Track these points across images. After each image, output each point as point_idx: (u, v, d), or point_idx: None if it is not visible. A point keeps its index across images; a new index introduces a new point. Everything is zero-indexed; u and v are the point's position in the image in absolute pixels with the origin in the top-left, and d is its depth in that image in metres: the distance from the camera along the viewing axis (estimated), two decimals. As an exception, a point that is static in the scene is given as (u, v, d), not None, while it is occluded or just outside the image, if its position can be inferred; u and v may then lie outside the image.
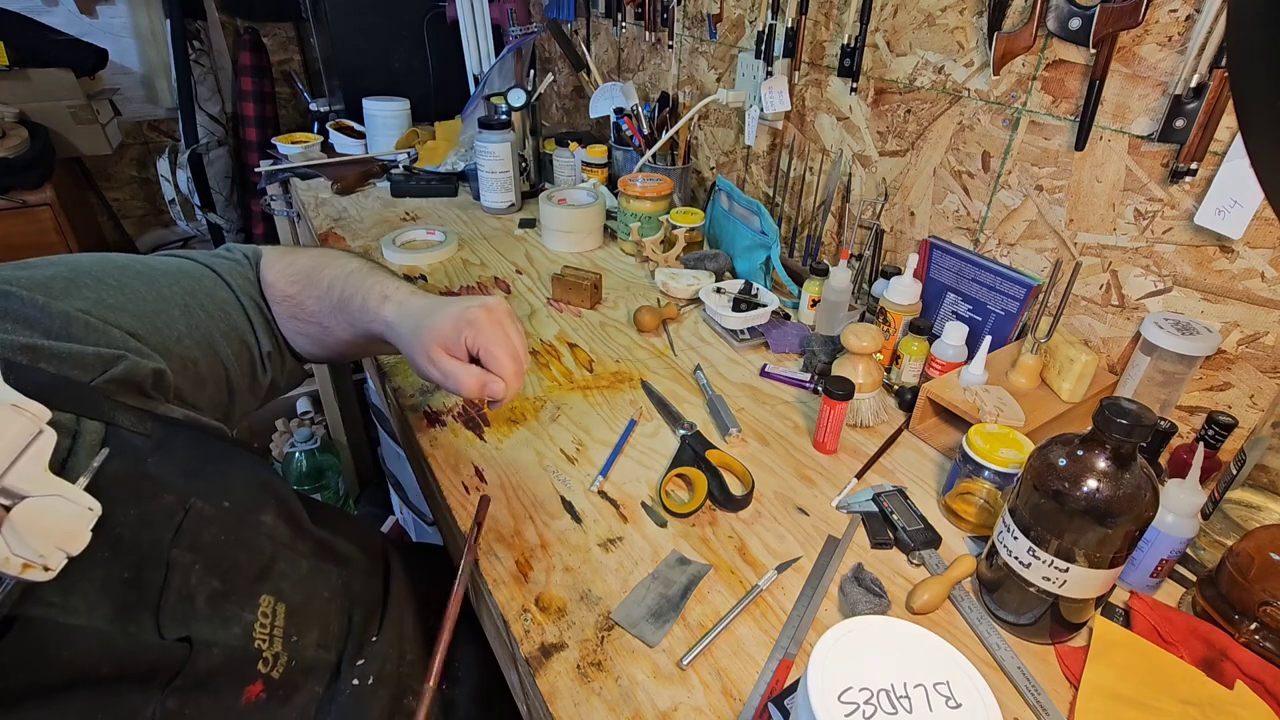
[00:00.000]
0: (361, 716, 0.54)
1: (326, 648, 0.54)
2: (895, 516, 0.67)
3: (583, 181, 1.43)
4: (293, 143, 1.66)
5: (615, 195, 1.26)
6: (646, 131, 1.36)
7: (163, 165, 1.94)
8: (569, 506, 0.69)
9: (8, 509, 0.32)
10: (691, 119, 1.25)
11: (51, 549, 0.33)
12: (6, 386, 0.33)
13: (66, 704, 0.37)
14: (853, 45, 0.98)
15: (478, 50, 1.76)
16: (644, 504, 0.70)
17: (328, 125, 1.72)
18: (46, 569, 0.33)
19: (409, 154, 1.57)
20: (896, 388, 0.87)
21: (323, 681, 0.53)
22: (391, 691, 0.57)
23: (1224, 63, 0.63)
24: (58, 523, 0.34)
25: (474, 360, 0.59)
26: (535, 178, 1.52)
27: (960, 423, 0.74)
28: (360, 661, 0.56)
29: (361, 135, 1.68)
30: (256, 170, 1.57)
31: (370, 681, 0.56)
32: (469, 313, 0.58)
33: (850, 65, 1.00)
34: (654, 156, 1.30)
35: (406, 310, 0.62)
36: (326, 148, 1.68)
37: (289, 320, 0.67)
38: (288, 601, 0.51)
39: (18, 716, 0.35)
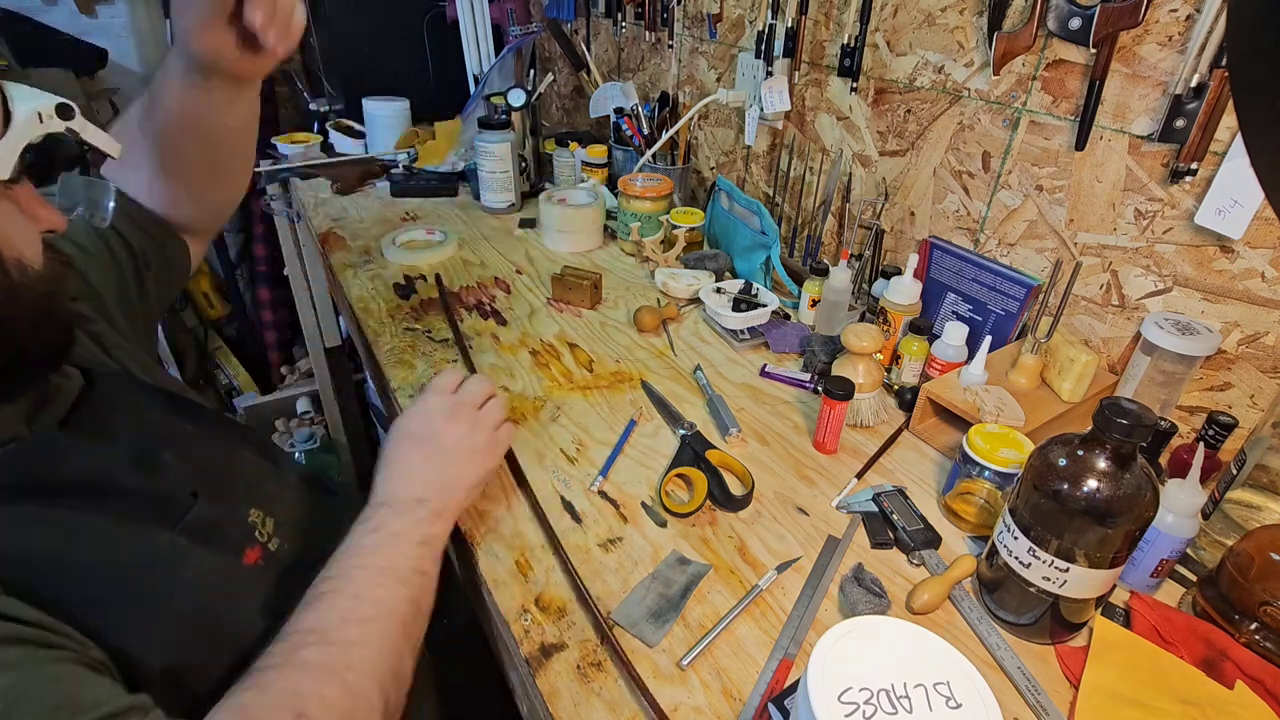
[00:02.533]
0: None
1: (314, 549, 0.56)
2: (895, 516, 0.67)
3: (583, 181, 1.43)
4: (293, 142, 1.66)
5: (615, 195, 1.26)
6: (646, 131, 1.36)
7: (163, 165, 1.95)
8: (569, 506, 0.69)
9: None
10: (691, 119, 1.25)
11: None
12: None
13: (100, 504, 0.45)
14: (853, 45, 0.98)
15: (478, 50, 1.76)
16: (644, 504, 0.70)
17: (328, 125, 1.72)
18: None
19: (409, 154, 1.57)
20: (896, 388, 0.87)
21: (316, 567, 0.53)
22: None
23: (1224, 62, 0.63)
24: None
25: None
26: (535, 178, 1.52)
27: (960, 423, 0.74)
28: None
29: (361, 135, 1.68)
30: (256, 170, 1.57)
31: None
32: None
33: (850, 65, 1.00)
34: (654, 156, 1.30)
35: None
36: (326, 148, 1.68)
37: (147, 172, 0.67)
38: (276, 517, 0.57)
39: (61, 505, 0.43)
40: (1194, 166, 0.67)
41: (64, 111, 0.46)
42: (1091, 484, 0.50)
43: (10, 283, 0.42)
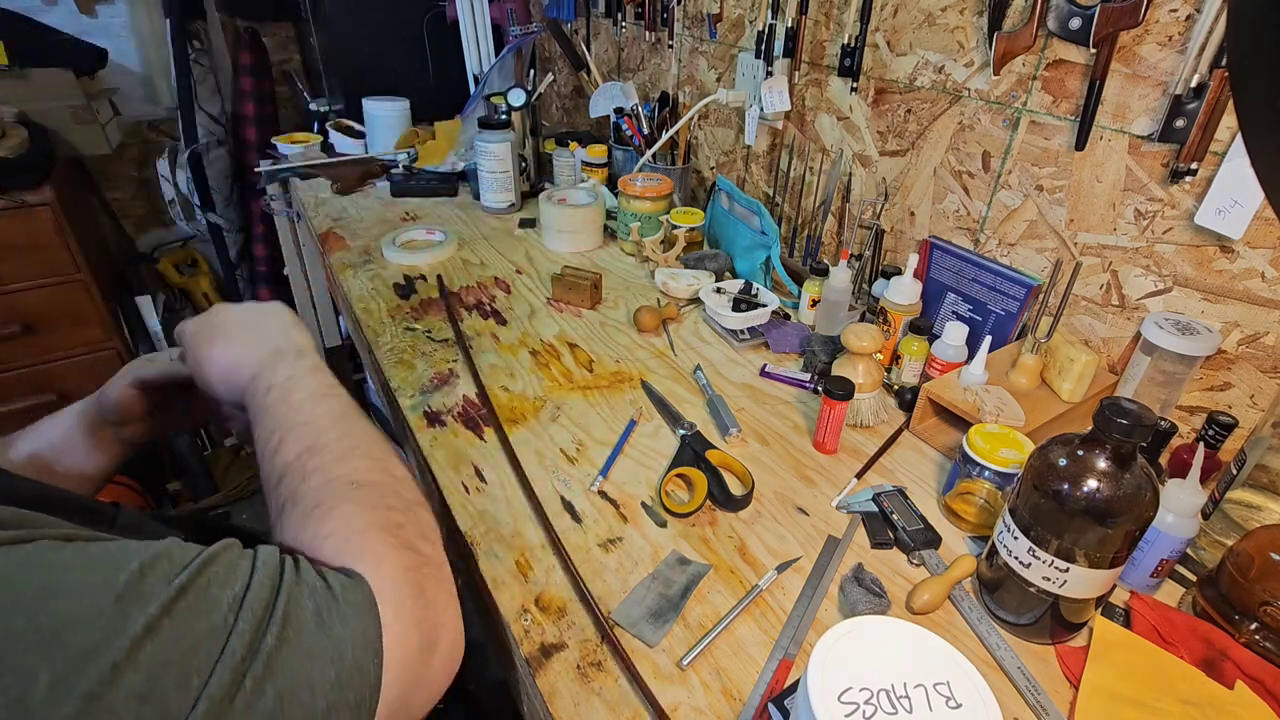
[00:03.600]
0: None
1: None
2: (895, 516, 0.67)
3: (583, 181, 1.43)
4: (293, 143, 1.66)
5: (615, 195, 1.26)
6: (646, 131, 1.36)
7: (162, 165, 1.94)
8: (569, 506, 0.69)
9: None
10: (691, 119, 1.25)
11: None
12: None
13: (50, 514, 0.42)
14: (853, 45, 0.98)
15: (478, 50, 1.76)
16: (644, 504, 0.70)
17: (328, 125, 1.72)
18: None
19: (409, 154, 1.57)
20: (896, 388, 0.87)
21: None
22: None
23: (1224, 62, 0.63)
24: None
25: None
26: (535, 178, 1.52)
27: (960, 423, 0.74)
28: None
29: (361, 135, 1.68)
30: (256, 170, 1.57)
31: None
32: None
33: (850, 65, 1.00)
34: (654, 156, 1.30)
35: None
36: (326, 148, 1.68)
37: None
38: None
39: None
40: (1194, 166, 0.67)
41: None
42: (1091, 484, 0.50)
43: None
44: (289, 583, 0.36)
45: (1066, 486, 0.51)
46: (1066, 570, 0.52)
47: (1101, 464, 0.50)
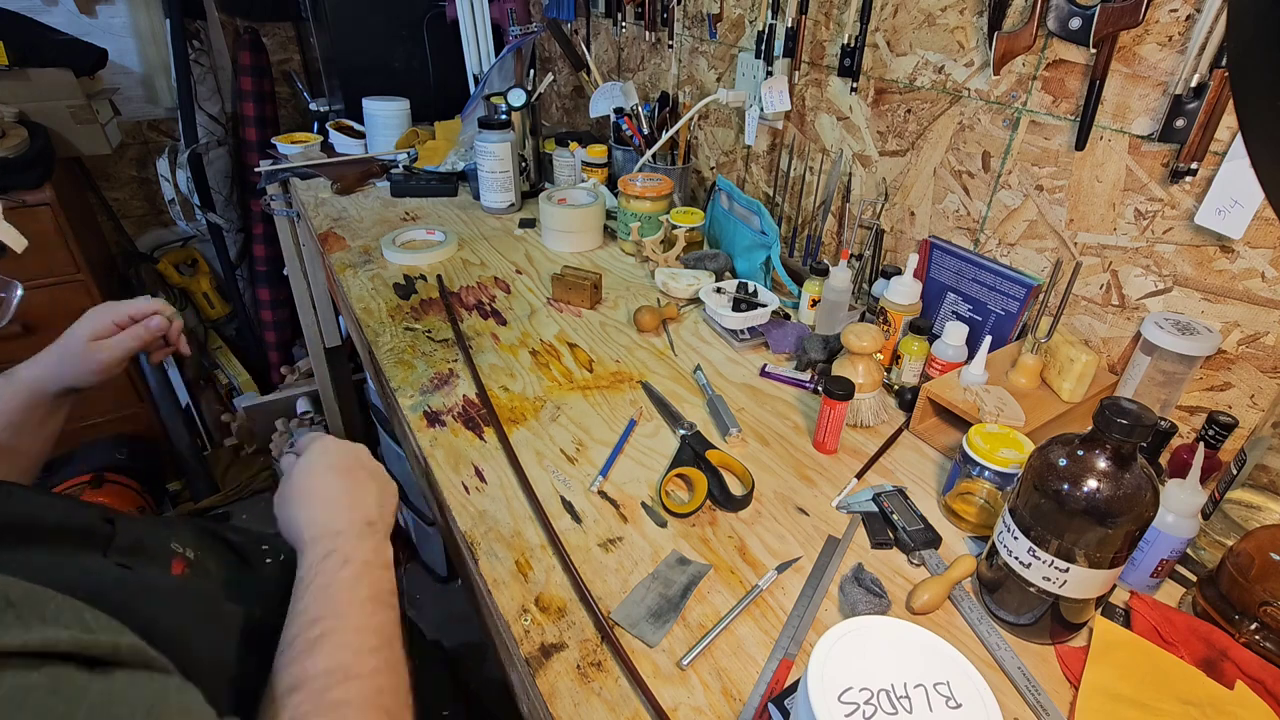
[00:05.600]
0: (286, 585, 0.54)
1: (216, 554, 0.55)
2: (895, 516, 0.67)
3: (583, 181, 1.43)
4: (293, 142, 1.66)
5: (615, 195, 1.26)
6: (646, 131, 1.36)
7: (162, 165, 1.94)
8: (569, 506, 0.69)
9: None
10: (691, 119, 1.25)
11: None
12: None
13: (35, 543, 0.43)
14: (853, 45, 0.98)
15: (478, 50, 1.76)
16: (644, 504, 0.70)
17: (328, 125, 1.72)
18: None
19: (409, 154, 1.57)
20: (896, 388, 0.87)
21: (235, 567, 0.54)
22: None
23: (1224, 62, 0.63)
24: None
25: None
26: (535, 178, 1.52)
27: (960, 423, 0.74)
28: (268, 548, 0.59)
29: (361, 135, 1.68)
30: (256, 170, 1.57)
31: (282, 558, 0.57)
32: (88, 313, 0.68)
33: (850, 65, 1.00)
34: (654, 156, 1.30)
35: (37, 360, 0.67)
36: (326, 148, 1.68)
37: None
38: (173, 527, 0.56)
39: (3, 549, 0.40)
40: (1194, 166, 0.67)
41: None
42: (1091, 484, 0.50)
43: None
44: None
45: (1066, 486, 0.51)
46: (1066, 570, 0.52)
47: (1101, 464, 0.50)
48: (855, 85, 1.01)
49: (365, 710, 0.43)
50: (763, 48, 1.12)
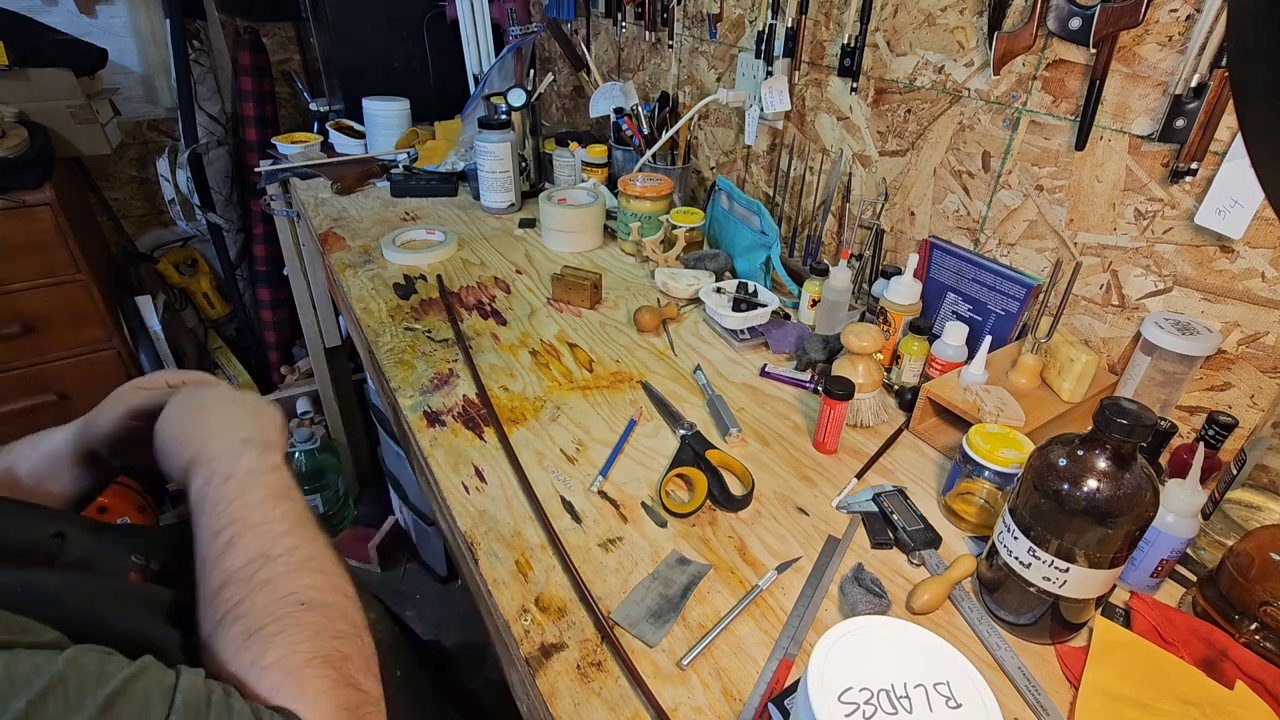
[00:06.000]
0: None
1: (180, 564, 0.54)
2: (895, 516, 0.67)
3: (583, 181, 1.43)
4: (293, 142, 1.66)
5: (615, 195, 1.26)
6: (646, 131, 1.36)
7: (162, 165, 1.94)
8: (569, 506, 0.69)
9: None
10: (691, 119, 1.25)
11: None
12: None
13: None
14: (853, 45, 0.98)
15: (478, 50, 1.76)
16: (644, 504, 0.70)
17: (328, 125, 1.72)
18: None
19: (409, 154, 1.57)
20: (896, 388, 0.87)
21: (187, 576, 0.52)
22: None
23: (1224, 63, 0.63)
24: None
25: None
26: (535, 178, 1.52)
27: (960, 423, 0.74)
28: None
29: (361, 135, 1.68)
30: (256, 170, 1.57)
31: None
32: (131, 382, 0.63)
33: (850, 65, 1.00)
34: (654, 156, 1.30)
35: (70, 424, 0.62)
36: (326, 148, 1.68)
37: None
38: (132, 537, 0.55)
39: None
40: (1194, 166, 0.67)
41: None
42: (1091, 484, 0.50)
43: None
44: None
45: (1066, 486, 0.51)
46: (1066, 570, 0.52)
47: (1101, 464, 0.50)
48: (855, 85, 1.01)
49: (294, 575, 0.44)
50: (763, 48, 1.12)
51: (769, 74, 1.13)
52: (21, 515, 0.49)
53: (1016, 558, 0.55)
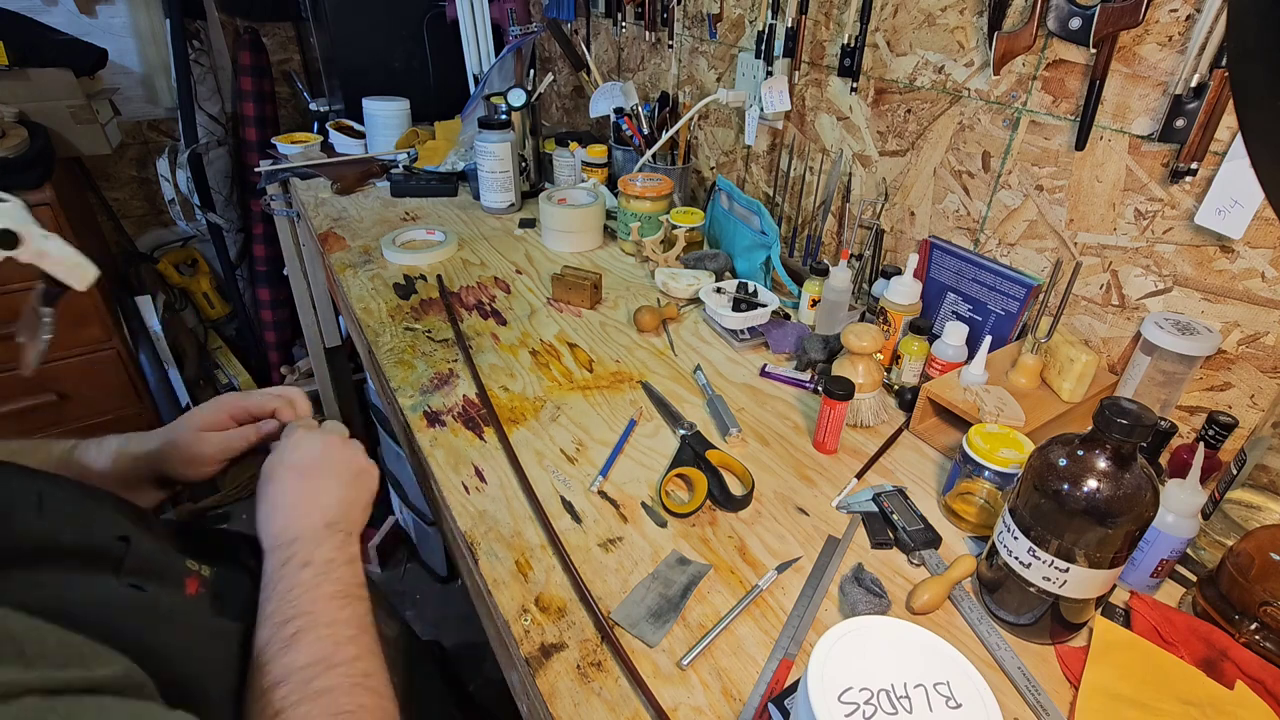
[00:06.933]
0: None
1: (232, 571, 0.55)
2: (895, 516, 0.67)
3: (583, 181, 1.43)
4: (293, 142, 1.66)
5: (615, 195, 1.26)
6: (646, 131, 1.36)
7: (162, 165, 1.94)
8: (569, 506, 0.69)
9: None
10: (691, 119, 1.25)
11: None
12: None
13: (46, 565, 0.42)
14: (853, 45, 0.98)
15: (478, 50, 1.76)
16: (644, 504, 0.70)
17: (327, 125, 1.72)
18: None
19: (409, 154, 1.57)
20: (897, 388, 0.87)
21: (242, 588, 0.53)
22: None
23: (1224, 63, 0.63)
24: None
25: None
26: (535, 178, 1.52)
27: (960, 423, 0.74)
28: None
29: (361, 135, 1.68)
30: (256, 170, 1.57)
31: None
32: (210, 400, 0.64)
33: (850, 65, 1.00)
34: (654, 156, 1.30)
35: (140, 435, 0.63)
36: (326, 148, 1.68)
37: None
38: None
39: (8, 581, 0.40)
40: (1194, 166, 0.67)
41: (6, 240, 0.42)
42: (1091, 484, 0.50)
43: None
44: None
45: (1066, 486, 0.51)
46: (1066, 570, 0.52)
47: (1101, 464, 0.50)
48: (855, 85, 1.01)
49: (351, 692, 0.44)
50: (763, 48, 1.12)
51: (769, 74, 1.13)
52: (91, 509, 0.50)
53: (1016, 558, 0.55)
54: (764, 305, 1.00)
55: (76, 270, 0.48)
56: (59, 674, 0.33)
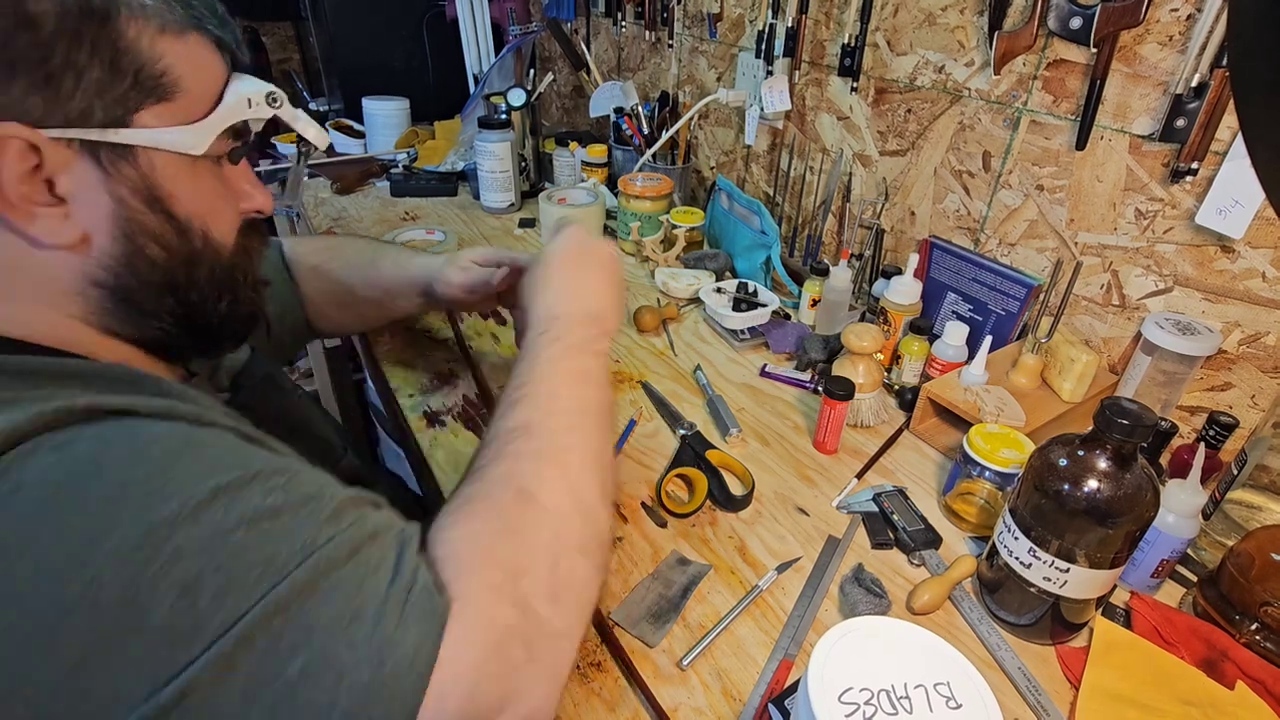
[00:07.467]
0: None
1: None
2: (896, 516, 0.67)
3: (582, 181, 1.42)
4: (292, 142, 1.66)
5: (615, 195, 1.26)
6: (646, 131, 1.35)
7: (163, 165, 1.95)
8: (569, 506, 0.69)
9: None
10: (691, 118, 1.25)
11: None
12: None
13: (299, 441, 0.45)
14: (853, 44, 0.98)
15: (478, 50, 1.76)
16: (644, 504, 0.70)
17: (327, 125, 1.72)
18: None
19: (409, 153, 1.57)
20: (897, 388, 0.87)
21: None
22: None
23: (1225, 62, 0.63)
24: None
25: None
26: (535, 177, 1.52)
27: (961, 423, 0.74)
28: None
29: (361, 135, 1.68)
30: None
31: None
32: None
33: (850, 65, 1.00)
34: (654, 156, 1.30)
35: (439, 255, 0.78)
36: (326, 147, 1.68)
37: (315, 284, 0.79)
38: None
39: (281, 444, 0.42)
40: (1195, 166, 0.67)
41: (272, 99, 0.48)
42: (1092, 484, 0.50)
43: (192, 249, 0.44)
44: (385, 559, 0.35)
45: (1067, 487, 0.51)
46: (1067, 570, 0.52)
47: (1102, 464, 0.50)
48: (855, 85, 1.01)
49: (539, 462, 0.44)
50: (763, 47, 1.12)
51: (769, 73, 1.13)
52: (329, 422, 0.61)
53: (1017, 558, 0.55)
54: (764, 305, 1.00)
55: (317, 132, 0.56)
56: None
